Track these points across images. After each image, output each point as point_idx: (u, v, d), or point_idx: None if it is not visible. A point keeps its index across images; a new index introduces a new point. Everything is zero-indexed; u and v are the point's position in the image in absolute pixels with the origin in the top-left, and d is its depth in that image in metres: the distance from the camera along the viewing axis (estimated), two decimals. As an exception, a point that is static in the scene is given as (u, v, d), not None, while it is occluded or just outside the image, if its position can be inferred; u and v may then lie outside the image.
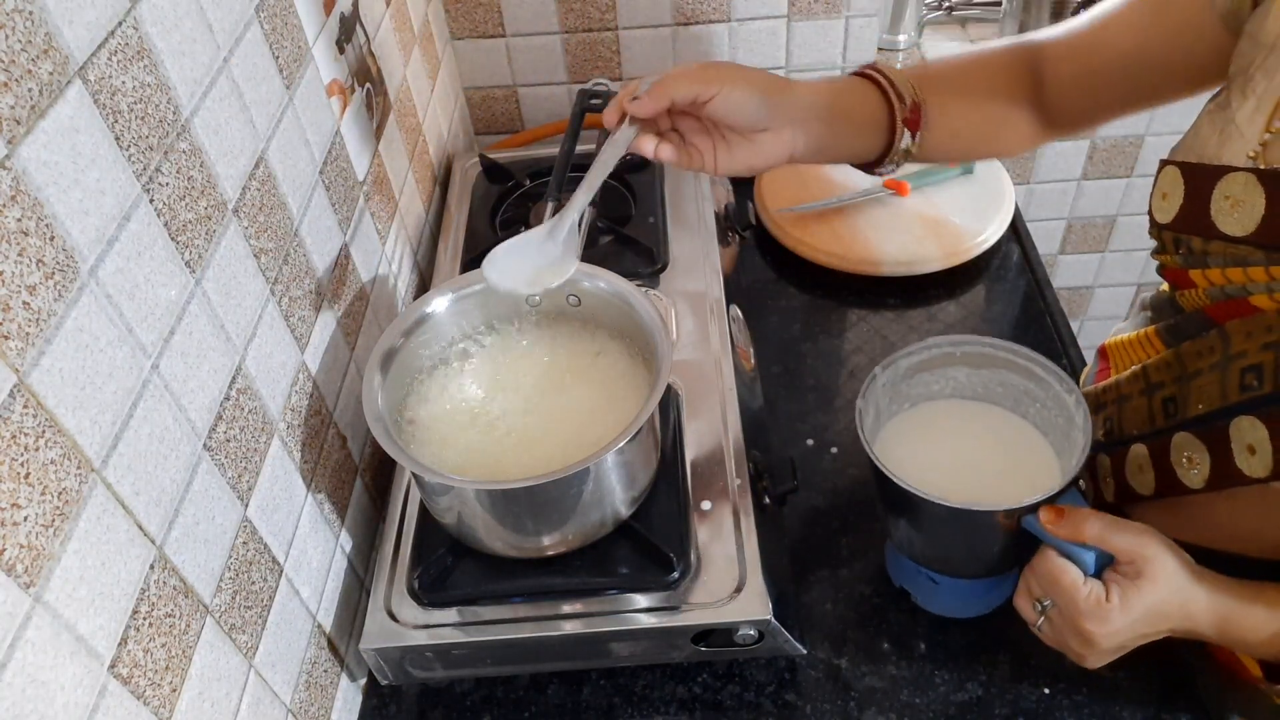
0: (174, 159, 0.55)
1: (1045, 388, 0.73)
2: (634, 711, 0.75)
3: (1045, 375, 0.73)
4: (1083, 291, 1.65)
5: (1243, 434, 0.63)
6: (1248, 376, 0.62)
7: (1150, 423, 0.72)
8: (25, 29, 0.43)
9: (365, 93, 0.89)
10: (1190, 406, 0.67)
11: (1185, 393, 0.68)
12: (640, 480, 0.73)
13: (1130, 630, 0.63)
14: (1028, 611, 0.67)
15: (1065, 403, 0.71)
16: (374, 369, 0.72)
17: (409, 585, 0.73)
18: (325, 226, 0.78)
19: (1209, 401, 0.66)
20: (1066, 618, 0.64)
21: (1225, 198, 0.61)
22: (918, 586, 0.78)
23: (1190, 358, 0.68)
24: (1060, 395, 0.72)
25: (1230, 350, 0.64)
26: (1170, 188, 0.66)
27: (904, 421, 0.78)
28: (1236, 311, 0.64)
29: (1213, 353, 0.66)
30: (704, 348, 0.89)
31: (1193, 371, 0.67)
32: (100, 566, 0.47)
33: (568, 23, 1.23)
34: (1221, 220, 0.62)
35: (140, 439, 0.51)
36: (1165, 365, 0.71)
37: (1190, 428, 0.67)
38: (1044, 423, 0.75)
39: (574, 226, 0.71)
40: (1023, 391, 0.75)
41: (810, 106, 0.73)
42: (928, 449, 0.75)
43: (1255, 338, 0.62)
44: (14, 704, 0.40)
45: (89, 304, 0.47)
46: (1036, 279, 1.09)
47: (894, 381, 0.76)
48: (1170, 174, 0.66)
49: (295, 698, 0.67)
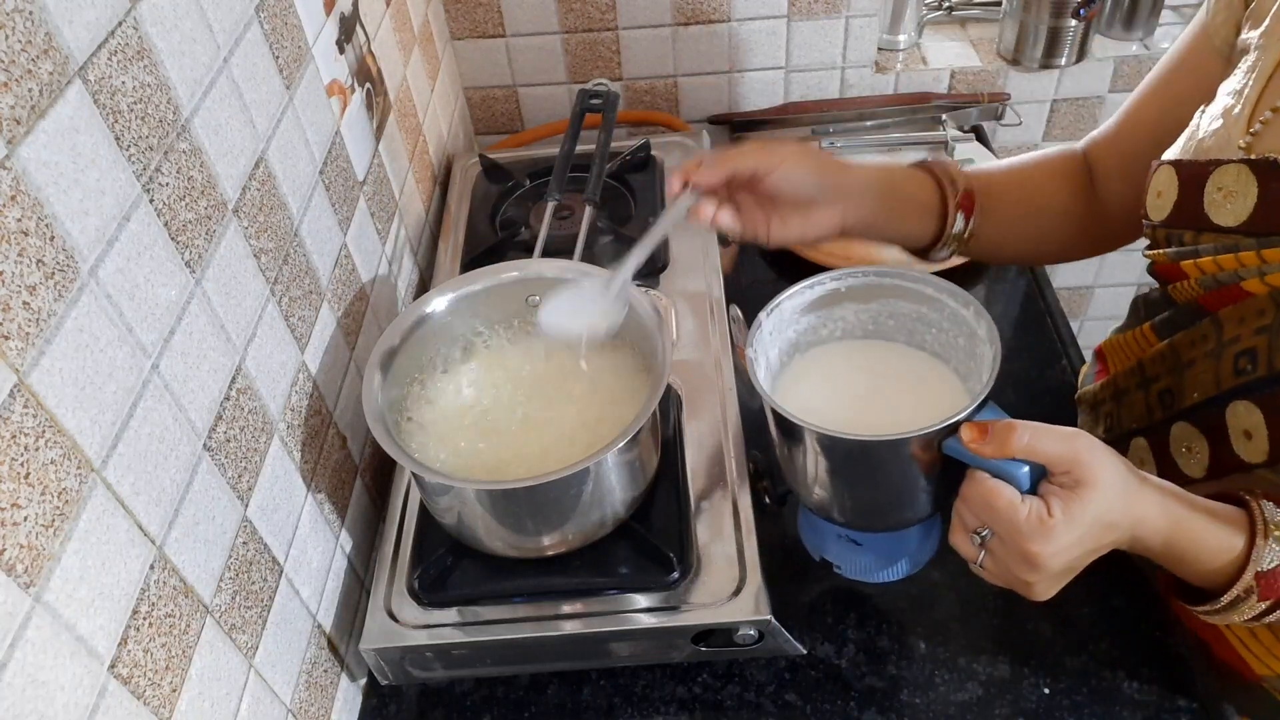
0: (174, 159, 0.55)
1: (939, 308, 0.69)
2: (634, 711, 0.75)
3: (937, 294, 0.68)
4: (1083, 291, 1.65)
5: (1239, 419, 0.63)
6: (1241, 361, 0.62)
7: (1149, 415, 0.72)
8: (25, 29, 0.43)
9: (365, 93, 0.89)
10: (1186, 396, 0.67)
11: (1181, 383, 0.68)
12: (640, 480, 0.73)
13: (1078, 546, 0.57)
14: (965, 547, 0.61)
15: (963, 318, 0.67)
16: (374, 369, 0.72)
17: (409, 585, 0.73)
18: (325, 226, 0.78)
19: (1204, 389, 0.66)
20: (1008, 543, 0.58)
21: (1218, 189, 0.62)
22: (840, 553, 0.74)
23: (1184, 348, 0.68)
24: (957, 311, 0.67)
25: (1223, 337, 0.64)
26: (1165, 186, 0.67)
27: (797, 369, 0.73)
28: (1229, 298, 0.63)
29: (1206, 341, 0.66)
30: (704, 348, 0.89)
31: (1187, 361, 0.68)
32: (100, 566, 0.47)
33: (568, 23, 1.23)
34: (1215, 212, 0.63)
35: (140, 439, 0.51)
36: (1160, 357, 0.71)
37: (1187, 417, 0.67)
38: (943, 348, 0.70)
39: (628, 282, 0.73)
40: (916, 319, 0.71)
41: (865, 186, 0.77)
42: (826, 395, 0.71)
43: (1248, 322, 0.62)
44: (14, 704, 0.40)
45: (89, 304, 0.47)
46: (1036, 279, 1.09)
47: (780, 328, 0.72)
48: (1165, 172, 0.67)
49: (295, 698, 0.67)
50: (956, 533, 0.62)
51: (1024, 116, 1.35)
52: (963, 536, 0.61)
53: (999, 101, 1.31)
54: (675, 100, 1.31)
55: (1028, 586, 0.59)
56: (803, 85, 1.30)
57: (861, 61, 1.28)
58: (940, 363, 0.71)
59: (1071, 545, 0.57)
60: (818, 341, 0.75)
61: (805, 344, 0.74)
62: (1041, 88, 1.35)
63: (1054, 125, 1.40)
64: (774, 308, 0.71)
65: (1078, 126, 1.40)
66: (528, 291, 0.81)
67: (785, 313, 0.72)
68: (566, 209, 0.98)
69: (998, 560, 0.60)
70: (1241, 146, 0.63)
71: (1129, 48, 1.34)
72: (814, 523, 0.75)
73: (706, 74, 1.28)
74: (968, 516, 0.60)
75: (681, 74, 1.28)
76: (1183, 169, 0.66)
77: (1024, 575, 0.58)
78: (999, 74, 1.32)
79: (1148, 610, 0.76)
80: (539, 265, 0.81)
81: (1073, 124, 1.40)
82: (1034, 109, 1.37)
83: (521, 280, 0.80)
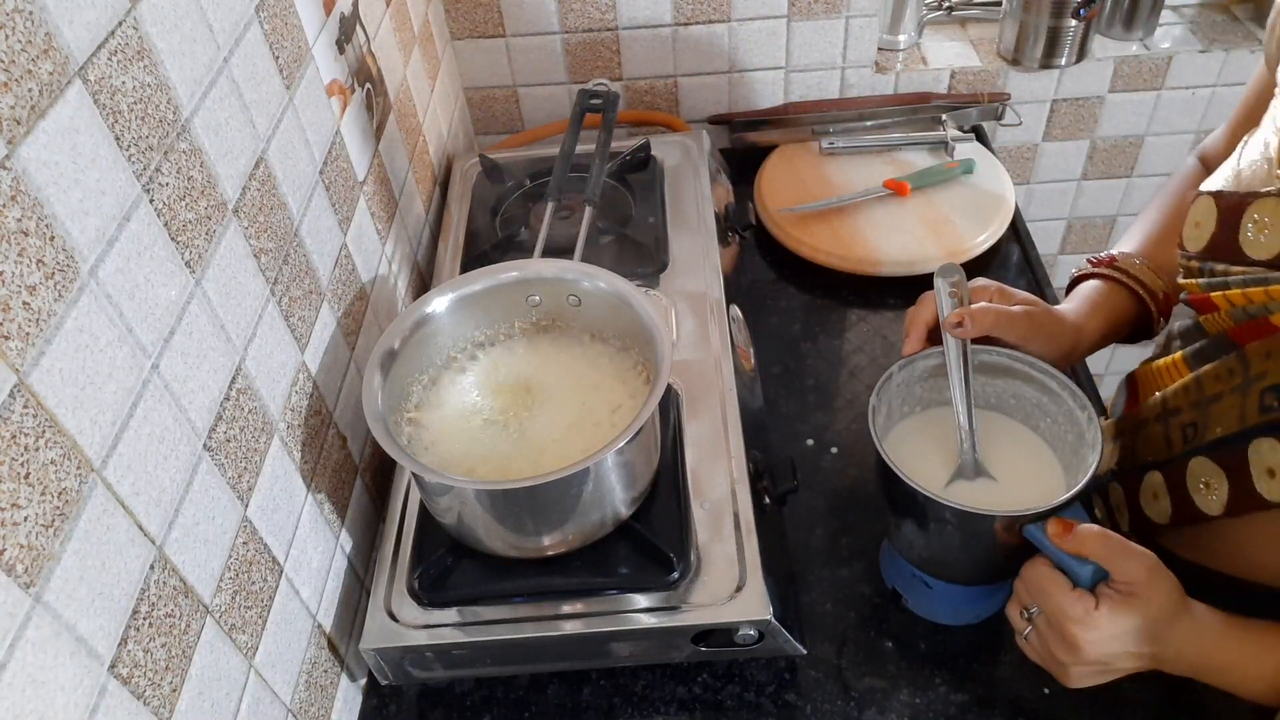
0: (174, 159, 0.55)
1: (1058, 402, 0.73)
2: (634, 711, 0.75)
3: (1059, 390, 0.72)
4: (1083, 292, 1.65)
5: (1262, 457, 0.62)
6: (1268, 398, 0.62)
7: (1167, 449, 0.71)
8: (25, 29, 0.43)
9: (365, 93, 0.89)
10: (1209, 430, 0.67)
11: (1204, 417, 0.68)
12: (640, 480, 0.73)
13: (1115, 642, 0.62)
14: (1016, 619, 0.67)
15: (1077, 419, 0.71)
16: (374, 369, 0.72)
17: (409, 585, 0.73)
18: (325, 226, 0.78)
19: (1228, 425, 0.65)
20: (1053, 623, 0.63)
21: (1254, 221, 0.62)
22: (911, 589, 0.77)
23: (1209, 381, 0.68)
24: (1073, 411, 0.71)
25: (1250, 373, 0.64)
26: (1203, 216, 0.66)
27: (914, 423, 0.77)
28: (1258, 332, 0.63)
29: (1232, 376, 0.65)
30: (704, 348, 0.88)
31: (1211, 395, 0.67)
32: (100, 566, 0.47)
33: (568, 23, 1.23)
34: (1248, 245, 0.62)
35: (140, 439, 0.51)
36: (1184, 390, 0.70)
37: (1207, 452, 0.67)
38: (1054, 438, 0.74)
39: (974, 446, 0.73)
40: (1034, 404, 0.75)
41: (1091, 344, 0.79)
42: (935, 452, 0.74)
43: (1275, 358, 0.62)
44: (14, 704, 0.40)
45: (89, 304, 0.47)
46: (1036, 279, 1.09)
47: (908, 383, 0.76)
48: (1204, 203, 0.66)
49: (295, 698, 0.67)
50: (1011, 606, 0.68)
51: (1024, 116, 1.35)
52: (1015, 610, 0.68)
53: (999, 101, 1.31)
54: (675, 100, 1.31)
55: (1063, 669, 0.65)
56: (803, 85, 1.30)
57: (861, 61, 1.28)
58: (1049, 449, 0.75)
59: (1108, 640, 0.62)
60: (941, 401, 0.77)
61: (929, 400, 0.78)
62: (1041, 88, 1.35)
63: (1054, 125, 1.40)
64: (907, 364, 0.75)
65: (1078, 127, 1.40)
66: (528, 291, 0.81)
67: (917, 371, 0.76)
68: (566, 209, 0.98)
69: (1041, 637, 0.65)
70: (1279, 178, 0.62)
71: (1129, 48, 1.34)
72: (894, 556, 0.78)
73: (706, 74, 1.28)
74: (1023, 593, 0.67)
75: (681, 74, 1.28)
76: (1222, 200, 0.65)
77: (1061, 656, 0.64)
78: (999, 74, 1.32)
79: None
80: (539, 265, 0.81)
81: (1073, 124, 1.40)
82: (1034, 109, 1.37)
83: (521, 280, 0.80)
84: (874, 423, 0.70)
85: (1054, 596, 0.63)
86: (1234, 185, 0.66)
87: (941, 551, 0.73)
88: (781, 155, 1.25)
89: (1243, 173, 0.66)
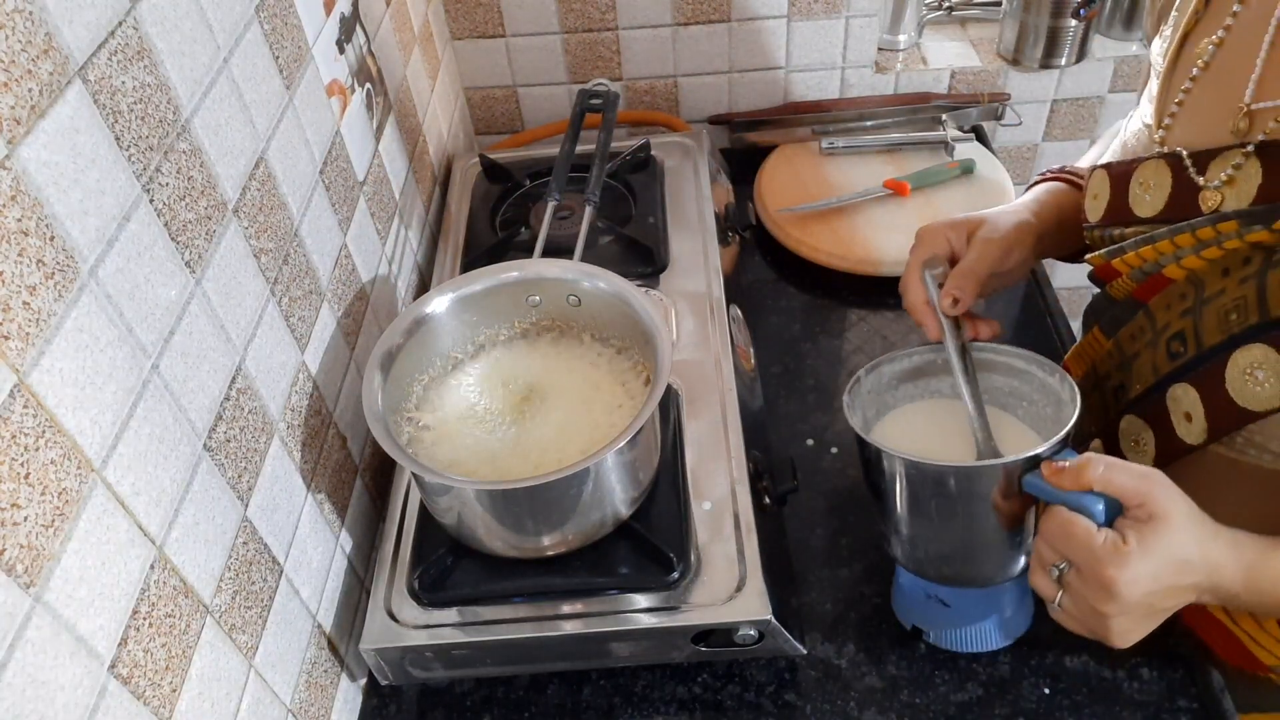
0: (174, 159, 0.55)
1: (1028, 380, 0.72)
2: (634, 711, 0.75)
3: (1026, 366, 0.71)
4: (1082, 292, 1.65)
5: (1178, 402, 0.65)
6: (1173, 345, 0.65)
7: (1105, 413, 0.74)
8: (25, 29, 0.43)
9: (365, 93, 0.89)
10: (1132, 389, 0.70)
11: (1128, 377, 0.71)
12: (640, 480, 0.73)
13: (1154, 579, 0.57)
14: (1044, 585, 0.62)
15: (1049, 386, 0.70)
16: (374, 369, 0.72)
17: (409, 585, 0.73)
18: (325, 226, 0.78)
19: (1144, 379, 0.69)
20: (1085, 572, 0.59)
21: (1140, 184, 0.67)
22: (928, 615, 0.75)
23: (1126, 342, 0.71)
24: (1044, 381, 0.70)
25: (1157, 325, 0.68)
26: (1099, 188, 0.72)
27: (889, 424, 0.76)
28: (1156, 287, 0.68)
29: (1144, 333, 0.69)
30: (704, 348, 0.88)
31: (1131, 354, 0.71)
32: (100, 566, 0.47)
33: (568, 23, 1.23)
34: (1137, 205, 0.68)
35: (140, 439, 0.51)
36: (1108, 355, 0.74)
37: (1132, 409, 0.70)
38: (1034, 420, 0.73)
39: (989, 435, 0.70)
40: (1009, 393, 0.74)
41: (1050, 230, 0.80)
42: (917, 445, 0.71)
43: (1174, 308, 0.66)
44: (14, 704, 0.40)
45: (89, 304, 0.47)
46: (1036, 279, 1.09)
47: (878, 389, 0.75)
48: (1099, 176, 0.72)
49: (295, 698, 0.67)
50: (1035, 572, 0.63)
51: (1024, 116, 1.35)
52: (1041, 574, 0.62)
53: (999, 101, 1.31)
54: (675, 100, 1.31)
55: (1106, 622, 0.59)
56: (803, 85, 1.30)
57: (861, 61, 1.28)
58: (1031, 431, 0.73)
59: (1147, 576, 0.57)
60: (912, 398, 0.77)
61: (901, 400, 0.77)
62: (1041, 88, 1.35)
63: (1054, 125, 1.40)
64: (874, 367, 0.74)
65: (1078, 127, 1.40)
66: (528, 291, 0.81)
67: (884, 375, 0.75)
68: (566, 209, 0.98)
69: (1075, 595, 0.60)
70: (1157, 141, 0.68)
71: (1129, 48, 1.34)
72: (904, 588, 0.76)
73: (706, 74, 1.28)
74: (1046, 551, 0.62)
75: (681, 74, 1.28)
76: (1112, 170, 0.71)
77: (1102, 606, 0.59)
78: (999, 74, 1.32)
79: (1148, 610, 0.76)
80: (539, 265, 0.81)
81: (1073, 124, 1.40)
82: (1034, 109, 1.37)
83: (521, 280, 0.80)
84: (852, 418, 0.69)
85: (1079, 540, 0.58)
86: (1121, 156, 0.73)
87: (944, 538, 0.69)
88: (781, 155, 1.25)
89: (1128, 143, 0.73)
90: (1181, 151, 0.64)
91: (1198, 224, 0.62)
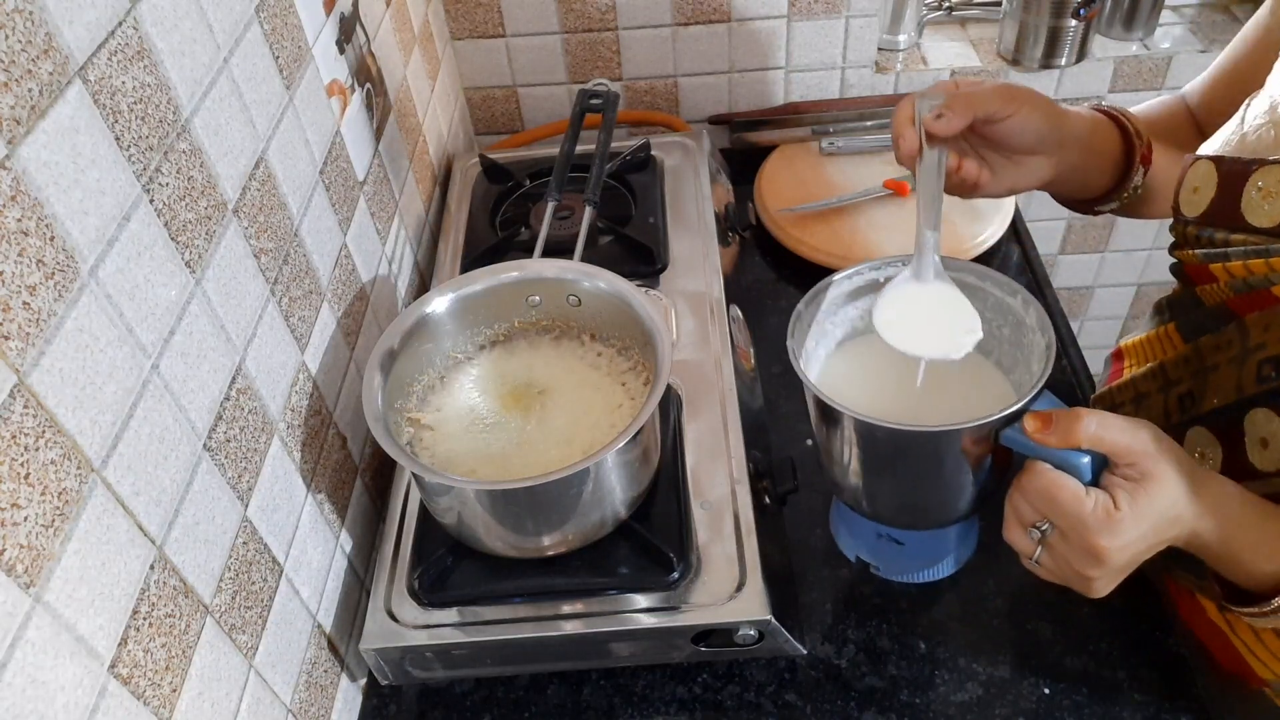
0: (174, 159, 0.55)
1: (982, 298, 0.66)
2: (634, 711, 0.75)
3: (980, 283, 0.66)
4: (1083, 291, 1.65)
5: (1256, 427, 0.61)
6: (1265, 368, 0.61)
7: (1166, 419, 0.70)
8: (25, 29, 0.43)
9: (365, 93, 0.89)
10: (1206, 400, 0.66)
11: (1202, 387, 0.66)
12: (640, 480, 0.73)
13: (1143, 540, 0.55)
14: (1022, 542, 0.59)
15: (1009, 306, 0.64)
16: (374, 369, 0.72)
17: (409, 585, 0.73)
18: (325, 226, 0.78)
19: (1224, 395, 0.64)
20: (1072, 538, 0.56)
21: (1259, 189, 0.60)
22: (879, 552, 0.71)
23: (1209, 352, 0.66)
24: (1002, 300, 0.65)
25: (1249, 343, 0.62)
26: (1202, 182, 0.64)
27: (835, 365, 0.70)
28: (1258, 304, 0.62)
29: (1230, 346, 0.64)
30: (704, 348, 0.88)
31: (1210, 365, 0.65)
32: (100, 566, 0.47)
33: (568, 23, 1.23)
34: (1251, 212, 0.61)
35: (140, 439, 0.51)
36: (1183, 361, 0.69)
37: (1204, 422, 0.66)
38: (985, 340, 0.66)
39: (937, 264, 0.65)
40: None
41: (1077, 136, 0.74)
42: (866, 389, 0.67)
43: (1273, 330, 0.60)
44: (14, 704, 0.40)
45: (89, 304, 0.47)
46: (1036, 279, 1.09)
47: (819, 319, 0.69)
48: (1203, 167, 0.65)
49: (295, 698, 0.67)
50: (1011, 527, 0.60)
51: (1024, 116, 1.35)
52: (1019, 531, 0.59)
53: (999, 101, 1.31)
54: (675, 100, 1.31)
55: (1087, 582, 0.57)
56: (803, 85, 1.30)
57: (862, 62, 1.28)
58: (982, 356, 0.67)
59: (1137, 540, 0.55)
60: (855, 334, 0.70)
61: (844, 338, 0.71)
62: (1041, 88, 1.34)
63: (1054, 125, 1.40)
64: (811, 297, 0.68)
65: (1078, 126, 1.40)
66: (528, 291, 0.81)
67: (823, 304, 0.68)
68: (566, 209, 0.98)
69: (1057, 556, 0.58)
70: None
71: (1129, 48, 1.34)
72: (850, 523, 0.71)
73: (706, 74, 1.28)
74: (1025, 510, 0.58)
75: (681, 74, 1.28)
76: (1224, 165, 0.63)
77: (1086, 570, 0.56)
78: (999, 74, 1.32)
79: (1148, 610, 0.76)
80: (539, 265, 0.81)
81: (1073, 124, 1.40)
82: (1034, 109, 1.37)
83: (521, 280, 0.80)
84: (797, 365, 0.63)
85: (1067, 505, 0.55)
86: (1237, 150, 0.64)
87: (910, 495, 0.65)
88: (781, 155, 1.25)
89: (1247, 136, 0.64)
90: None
91: None
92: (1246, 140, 0.64)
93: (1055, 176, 0.74)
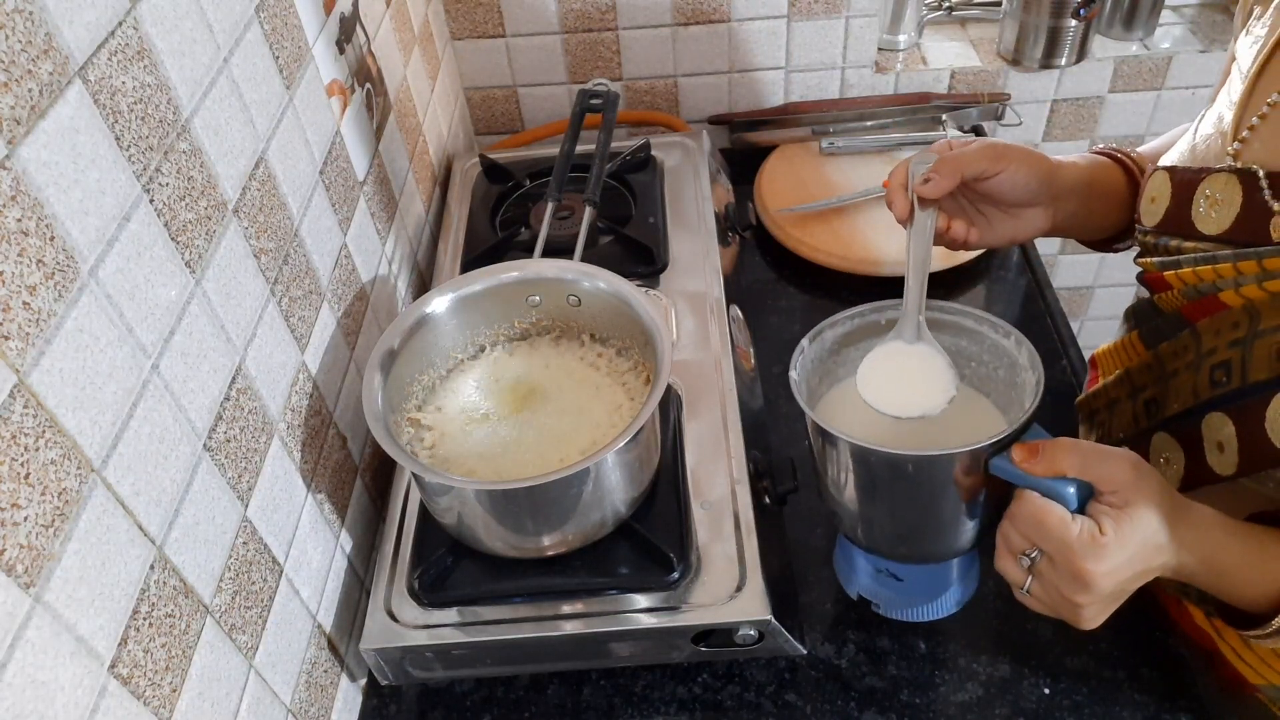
0: (174, 159, 0.55)
1: (978, 340, 0.68)
2: (634, 711, 0.75)
3: (976, 326, 0.68)
4: (1083, 292, 1.65)
5: (1213, 431, 0.63)
6: (1217, 373, 0.62)
7: (1135, 424, 0.72)
8: (25, 29, 0.43)
9: (365, 93, 0.89)
10: (1168, 406, 0.68)
11: (1165, 392, 0.68)
12: (640, 480, 0.73)
13: (1129, 566, 0.57)
14: (1012, 571, 0.60)
15: (1003, 348, 0.66)
16: (374, 369, 0.72)
17: (409, 585, 0.73)
18: (325, 226, 0.78)
19: (1183, 400, 0.66)
20: (1059, 562, 0.57)
21: (1206, 196, 0.63)
22: (879, 589, 0.74)
23: (1168, 358, 0.68)
24: (997, 342, 0.67)
25: (1202, 349, 0.64)
26: (1158, 191, 0.67)
27: (835, 398, 0.72)
28: (1208, 309, 0.64)
29: (1186, 352, 0.66)
30: (704, 348, 0.88)
31: (1170, 371, 0.68)
32: (100, 566, 0.47)
33: (568, 23, 1.23)
34: (1200, 220, 0.63)
35: (140, 439, 0.51)
36: (1146, 367, 0.71)
37: (1167, 427, 0.68)
38: (983, 382, 0.69)
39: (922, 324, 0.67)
40: (955, 353, 0.69)
41: (1074, 185, 0.76)
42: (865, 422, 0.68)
43: (1223, 335, 0.62)
44: (14, 704, 0.40)
45: (89, 304, 0.47)
46: (1036, 279, 1.09)
47: (821, 355, 0.71)
48: (1159, 178, 0.68)
49: (295, 698, 0.67)
50: (1003, 557, 0.61)
51: (1024, 116, 1.35)
52: (1009, 560, 0.60)
53: (999, 101, 1.31)
54: (675, 100, 1.31)
55: (1077, 610, 0.58)
56: (803, 85, 1.30)
57: (861, 61, 1.28)
58: (980, 396, 0.70)
59: (1122, 565, 0.56)
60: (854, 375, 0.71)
61: (844, 374, 0.73)
62: (1041, 88, 1.35)
63: (1054, 125, 1.40)
64: (816, 334, 0.70)
65: (1078, 127, 1.40)
66: (528, 291, 0.81)
67: (826, 341, 0.71)
68: (566, 209, 0.98)
69: (1046, 583, 0.59)
70: (1230, 154, 0.63)
71: (1129, 48, 1.34)
72: (851, 559, 0.74)
73: (706, 74, 1.28)
74: (1015, 538, 0.60)
75: (681, 74, 1.28)
76: (1176, 175, 0.66)
77: (1075, 596, 0.57)
78: (999, 74, 1.33)
79: (1148, 610, 0.76)
80: (539, 265, 0.81)
81: (1073, 124, 1.40)
82: (1034, 109, 1.37)
83: (521, 280, 0.80)
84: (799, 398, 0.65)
85: (1054, 531, 0.56)
86: (1189, 161, 0.66)
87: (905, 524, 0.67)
88: (781, 155, 1.25)
89: (1197, 148, 0.66)
90: (1258, 170, 0.60)
91: (1266, 253, 0.58)
92: (1196, 151, 0.66)
93: (1054, 225, 0.77)
